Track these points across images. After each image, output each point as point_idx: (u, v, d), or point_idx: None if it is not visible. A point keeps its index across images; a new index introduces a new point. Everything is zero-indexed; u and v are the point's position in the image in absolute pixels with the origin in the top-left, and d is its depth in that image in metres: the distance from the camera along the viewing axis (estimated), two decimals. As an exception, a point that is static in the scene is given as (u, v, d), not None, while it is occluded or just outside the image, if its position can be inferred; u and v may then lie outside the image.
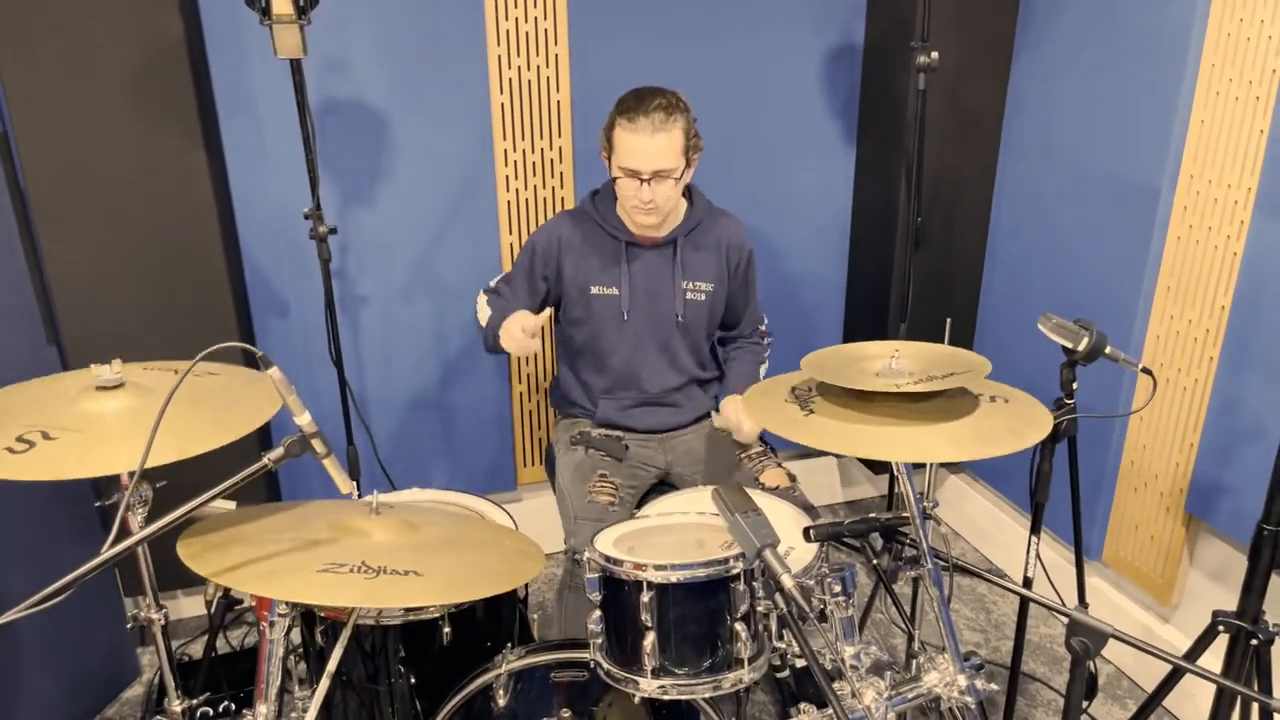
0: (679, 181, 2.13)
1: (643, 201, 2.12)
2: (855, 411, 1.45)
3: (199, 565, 1.35)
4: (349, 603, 1.30)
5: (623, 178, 2.11)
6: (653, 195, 2.10)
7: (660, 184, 2.10)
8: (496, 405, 3.01)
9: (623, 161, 2.09)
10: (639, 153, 2.06)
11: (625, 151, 2.08)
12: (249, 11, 2.05)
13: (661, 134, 2.05)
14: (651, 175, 2.08)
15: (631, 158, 2.07)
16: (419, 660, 1.86)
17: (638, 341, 2.31)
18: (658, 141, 2.05)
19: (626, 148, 2.07)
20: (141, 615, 1.65)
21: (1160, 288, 2.40)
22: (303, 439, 1.34)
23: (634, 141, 2.06)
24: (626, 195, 2.14)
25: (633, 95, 2.10)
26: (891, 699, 1.45)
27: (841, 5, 2.90)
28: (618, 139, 2.09)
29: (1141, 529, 2.56)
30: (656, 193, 2.10)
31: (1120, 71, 2.44)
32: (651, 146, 2.05)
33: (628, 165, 2.08)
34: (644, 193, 2.10)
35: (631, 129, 2.05)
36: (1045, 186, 2.76)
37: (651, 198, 2.11)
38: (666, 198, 2.13)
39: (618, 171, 2.11)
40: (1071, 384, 1.90)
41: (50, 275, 2.31)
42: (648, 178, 2.08)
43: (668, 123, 2.05)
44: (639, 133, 2.05)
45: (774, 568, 1.39)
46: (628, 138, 2.06)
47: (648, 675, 1.53)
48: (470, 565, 1.48)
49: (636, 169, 2.08)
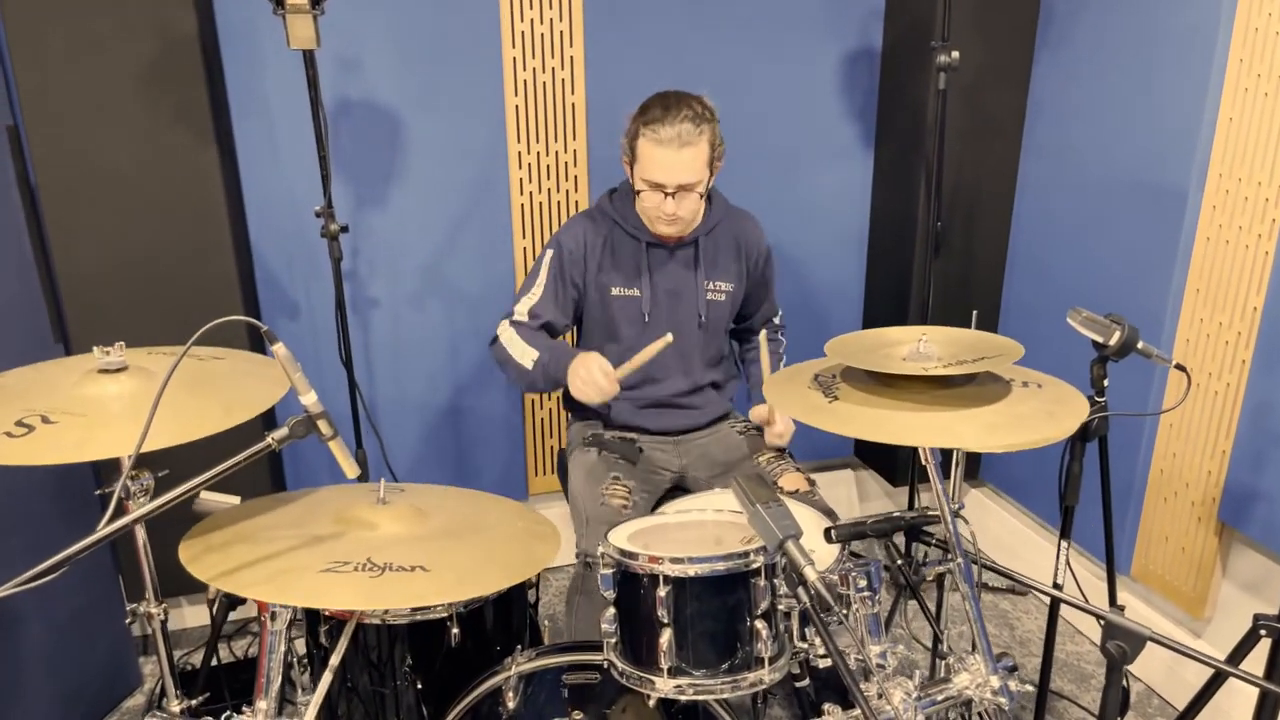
0: (703, 194, 2.08)
1: (666, 215, 2.06)
2: (882, 397, 1.39)
3: (199, 569, 1.30)
4: (352, 605, 1.26)
5: (646, 190, 2.04)
6: (676, 208, 2.04)
7: (685, 198, 2.03)
8: (508, 411, 2.96)
9: (647, 174, 2.02)
10: (664, 167, 1.99)
11: (649, 165, 2.00)
12: (263, 5, 2.03)
13: (689, 149, 1.97)
14: (676, 189, 2.02)
15: (656, 171, 2.00)
16: (426, 663, 1.80)
17: None
18: (684, 156, 1.97)
19: (651, 161, 2.00)
20: (141, 610, 1.60)
21: (1189, 290, 2.34)
22: (308, 419, 1.29)
23: (659, 155, 1.98)
24: (649, 207, 2.08)
25: (659, 103, 2.01)
26: (920, 700, 1.38)
27: (859, 9, 2.88)
28: (642, 151, 2.01)
29: (1172, 540, 2.48)
30: (680, 206, 2.04)
31: (1144, 70, 2.40)
32: (678, 161, 1.98)
33: (652, 178, 2.01)
34: (667, 205, 2.04)
35: (656, 141, 1.97)
36: (1068, 190, 2.71)
37: (675, 210, 2.05)
38: (691, 210, 2.07)
39: (641, 184, 2.04)
40: (1103, 381, 1.84)
41: (58, 271, 2.28)
42: (672, 191, 2.02)
43: (695, 135, 1.97)
44: (664, 146, 1.96)
45: (796, 559, 1.33)
46: (652, 151, 1.98)
47: (664, 675, 1.46)
48: (480, 556, 1.43)
49: (661, 183, 2.01)
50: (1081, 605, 1.60)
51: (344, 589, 1.25)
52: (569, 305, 2.23)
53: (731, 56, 2.81)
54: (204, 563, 1.29)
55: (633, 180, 2.10)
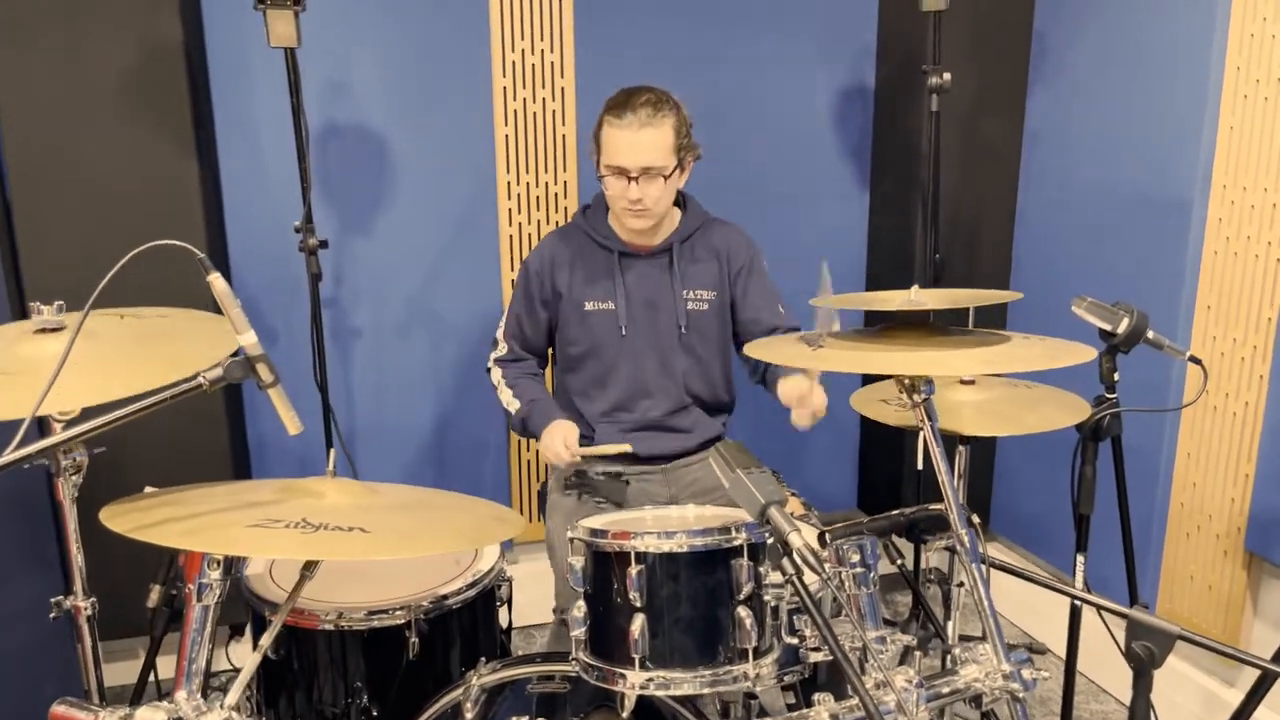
0: (669, 181, 2.02)
1: (631, 202, 2.00)
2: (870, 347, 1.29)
3: (117, 523, 1.17)
4: (279, 554, 1.12)
5: (610, 176, 2.00)
6: (641, 194, 1.99)
7: (649, 183, 1.99)
8: (493, 452, 2.84)
9: (609, 159, 1.99)
10: (625, 148, 1.96)
11: (612, 148, 1.98)
12: (253, 19, 2.02)
13: (649, 129, 1.95)
14: (639, 173, 1.97)
15: (618, 154, 1.97)
16: (382, 677, 1.64)
17: (638, 359, 2.15)
18: (644, 137, 1.95)
19: (613, 144, 1.98)
20: (66, 604, 1.46)
21: (1200, 305, 2.25)
22: (245, 361, 1.19)
23: (620, 137, 1.96)
24: (615, 196, 2.03)
25: (621, 93, 2.02)
26: (924, 691, 1.22)
27: (852, 46, 2.88)
28: (605, 137, 2.00)
29: (1198, 579, 2.31)
30: (645, 192, 1.99)
31: (1140, 84, 2.37)
32: (638, 141, 1.95)
33: (614, 162, 1.98)
34: (632, 191, 1.99)
35: (618, 124, 1.96)
36: (1069, 213, 2.65)
37: (640, 197, 1.99)
38: (656, 199, 2.02)
39: (605, 170, 2.01)
40: (1112, 374, 1.73)
41: (27, 278, 2.21)
42: (635, 175, 1.97)
43: (655, 118, 1.96)
44: (625, 128, 1.95)
45: (780, 525, 1.20)
46: (614, 134, 1.97)
47: (635, 667, 1.31)
48: (429, 525, 1.30)
49: (623, 166, 1.97)
50: (1103, 604, 1.46)
51: (273, 541, 1.12)
52: (540, 325, 2.16)
53: (725, 89, 2.80)
54: (124, 520, 1.17)
55: (599, 173, 2.05)
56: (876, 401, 1.96)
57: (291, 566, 1.63)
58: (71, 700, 1.23)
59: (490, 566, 1.77)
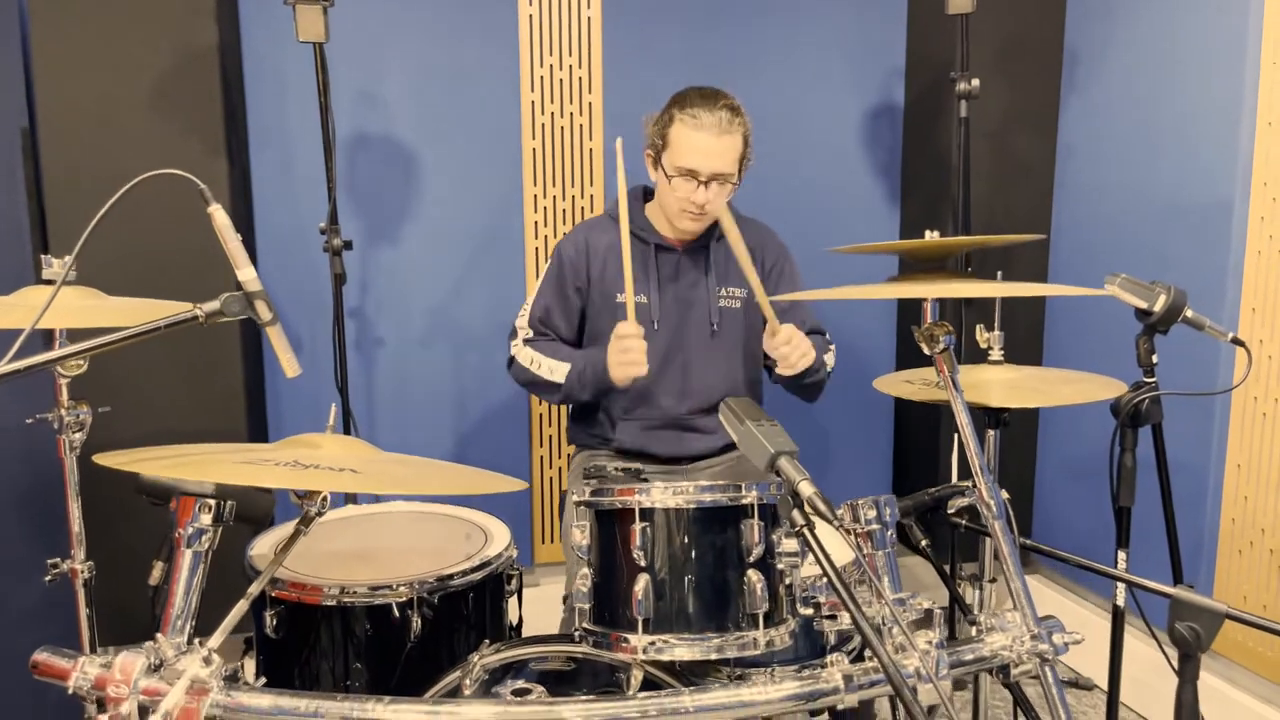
0: (733, 189, 2.00)
1: (696, 205, 1.97)
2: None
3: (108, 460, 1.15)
4: (265, 483, 1.09)
5: (678, 178, 1.96)
6: (707, 198, 1.97)
7: (716, 189, 1.96)
8: (514, 469, 2.79)
9: (681, 160, 1.95)
10: (702, 151, 1.93)
11: (686, 150, 1.94)
12: (287, 21, 2.06)
13: (727, 137, 1.93)
14: (710, 178, 1.95)
15: (693, 156, 1.93)
16: (384, 658, 1.58)
17: (666, 354, 2.11)
18: (723, 143, 1.93)
19: (688, 145, 1.93)
20: (64, 566, 1.43)
21: (1244, 309, 2.16)
22: (244, 297, 1.17)
23: (697, 140, 1.93)
24: (679, 198, 1.99)
25: (695, 92, 1.98)
26: (943, 651, 1.13)
27: (881, 63, 2.87)
28: (676, 136, 1.95)
29: (1251, 599, 2.18)
30: (710, 197, 1.97)
31: (1175, 87, 2.32)
32: (717, 147, 1.92)
33: (688, 164, 1.94)
34: (699, 195, 1.96)
35: (695, 126, 1.92)
36: (1104, 223, 2.58)
37: (705, 200, 1.97)
38: (717, 204, 2.00)
39: (672, 170, 1.97)
40: (1150, 356, 1.65)
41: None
42: (706, 179, 1.95)
43: (733, 125, 1.94)
44: (704, 130, 1.92)
45: (790, 474, 1.14)
46: (690, 135, 1.93)
47: (638, 630, 1.24)
48: (422, 473, 1.26)
49: (696, 169, 1.94)
50: (1146, 584, 1.37)
51: (260, 474, 1.08)
52: (573, 312, 2.12)
53: (753, 106, 2.77)
54: (114, 459, 1.14)
55: (658, 172, 2.02)
56: (902, 383, 1.90)
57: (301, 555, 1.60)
58: (52, 647, 1.19)
59: (499, 552, 1.71)
